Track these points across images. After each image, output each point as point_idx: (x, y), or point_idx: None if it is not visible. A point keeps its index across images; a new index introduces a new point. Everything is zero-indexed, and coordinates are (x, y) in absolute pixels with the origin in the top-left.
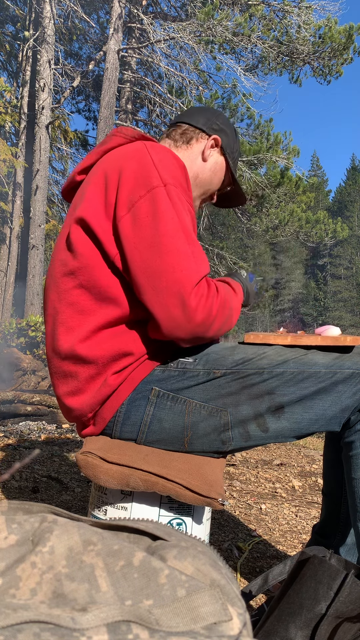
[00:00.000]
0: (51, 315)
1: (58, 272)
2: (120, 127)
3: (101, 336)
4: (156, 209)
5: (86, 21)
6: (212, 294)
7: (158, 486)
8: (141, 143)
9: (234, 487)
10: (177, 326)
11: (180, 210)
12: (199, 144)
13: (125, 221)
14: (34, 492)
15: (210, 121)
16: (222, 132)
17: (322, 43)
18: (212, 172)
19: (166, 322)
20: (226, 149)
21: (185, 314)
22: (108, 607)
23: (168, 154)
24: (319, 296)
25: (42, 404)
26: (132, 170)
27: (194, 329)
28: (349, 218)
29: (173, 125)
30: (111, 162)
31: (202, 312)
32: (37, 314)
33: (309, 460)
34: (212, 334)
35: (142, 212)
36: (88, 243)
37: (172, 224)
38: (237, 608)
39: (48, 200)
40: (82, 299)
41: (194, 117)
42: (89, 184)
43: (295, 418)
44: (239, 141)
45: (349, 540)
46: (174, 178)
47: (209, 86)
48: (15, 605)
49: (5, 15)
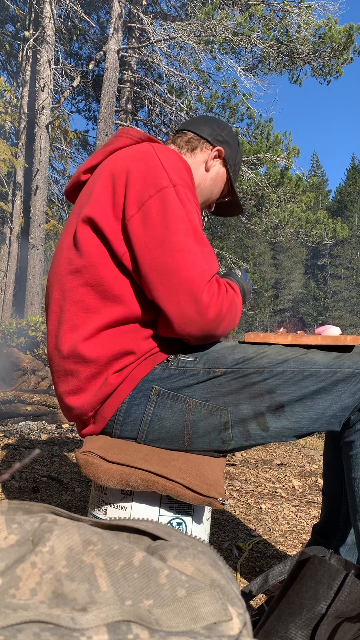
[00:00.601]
0: (55, 313)
1: (63, 269)
2: (126, 128)
3: (105, 335)
4: (166, 208)
5: (86, 21)
6: (222, 292)
7: (158, 485)
8: (148, 144)
9: (234, 487)
10: (189, 322)
11: (190, 210)
12: (203, 154)
13: (135, 220)
14: (34, 492)
15: (215, 132)
16: (226, 144)
17: (322, 43)
18: (213, 182)
19: (179, 319)
20: (228, 161)
21: (198, 311)
22: (108, 607)
23: (175, 155)
24: (319, 296)
25: (42, 404)
26: (140, 170)
27: (206, 325)
28: (349, 218)
29: (179, 132)
30: (118, 162)
31: (214, 309)
32: (37, 314)
33: (309, 460)
34: (221, 331)
35: (153, 211)
36: (95, 241)
37: (182, 223)
38: (237, 608)
39: (48, 200)
40: (87, 297)
41: (200, 127)
42: (95, 184)
43: (296, 417)
44: (241, 154)
45: (349, 540)
46: (182, 179)
47: (209, 86)
48: (15, 605)
49: (5, 15)
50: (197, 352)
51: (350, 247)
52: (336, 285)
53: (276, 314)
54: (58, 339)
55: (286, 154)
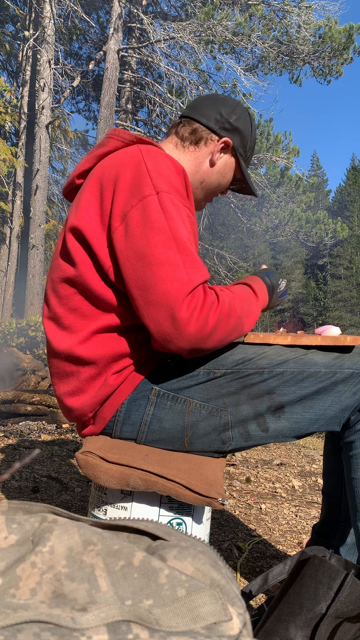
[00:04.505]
0: (52, 318)
1: (56, 276)
2: (117, 129)
3: (102, 338)
4: (146, 219)
5: (86, 21)
6: (208, 304)
7: (158, 486)
8: (137, 148)
9: (234, 487)
10: (169, 340)
11: (173, 218)
12: (208, 147)
13: (118, 232)
14: (34, 492)
15: (222, 118)
16: (234, 131)
17: (322, 43)
18: (220, 174)
19: (158, 335)
20: (238, 149)
21: (175, 327)
22: (108, 607)
23: (164, 158)
24: (319, 296)
25: (42, 404)
26: (126, 178)
27: (188, 341)
28: (349, 218)
29: (182, 119)
30: (107, 168)
31: (195, 324)
32: (37, 314)
33: (309, 460)
34: (213, 344)
35: (133, 223)
36: (83, 253)
37: (162, 233)
38: (237, 608)
39: (48, 200)
40: (82, 304)
41: (205, 113)
42: (84, 191)
43: (295, 418)
44: (254, 135)
45: (349, 540)
46: (169, 184)
47: (209, 86)
48: (15, 605)
49: (5, 15)
50: None
51: (350, 247)
52: (336, 285)
53: (276, 314)
54: (55, 343)
55: (286, 154)
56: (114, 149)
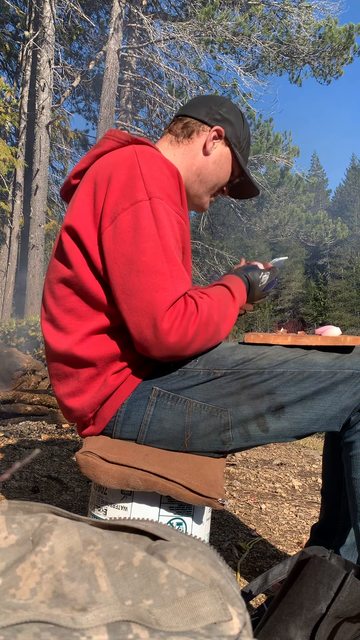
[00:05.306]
0: (49, 319)
1: (53, 277)
2: (114, 129)
3: (97, 339)
4: (137, 225)
5: (86, 21)
6: (188, 314)
7: (158, 486)
8: (132, 149)
9: (234, 487)
10: (148, 346)
11: (164, 225)
12: (201, 138)
13: (107, 233)
14: (34, 492)
15: (212, 111)
16: (225, 121)
17: (322, 43)
18: (216, 165)
19: (139, 341)
20: (231, 139)
21: (156, 336)
22: (108, 607)
23: (158, 161)
24: (319, 296)
25: (42, 404)
26: (119, 179)
27: (167, 350)
28: (349, 218)
29: (176, 118)
30: (101, 168)
31: (175, 335)
32: (37, 314)
33: (309, 460)
34: (191, 353)
35: (123, 227)
36: (78, 253)
37: (152, 241)
38: (237, 608)
39: (48, 200)
40: (78, 305)
41: (195, 108)
42: (79, 191)
43: (296, 418)
44: (247, 128)
45: (348, 540)
46: (161, 189)
47: (209, 86)
48: (15, 605)
49: (5, 15)
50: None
51: (350, 247)
52: (336, 285)
53: (276, 314)
54: (53, 344)
55: (286, 154)
56: (109, 149)
